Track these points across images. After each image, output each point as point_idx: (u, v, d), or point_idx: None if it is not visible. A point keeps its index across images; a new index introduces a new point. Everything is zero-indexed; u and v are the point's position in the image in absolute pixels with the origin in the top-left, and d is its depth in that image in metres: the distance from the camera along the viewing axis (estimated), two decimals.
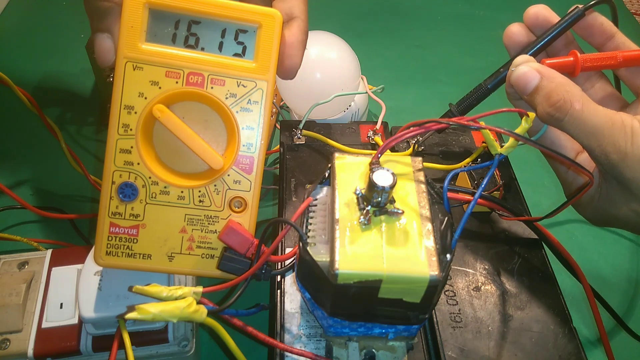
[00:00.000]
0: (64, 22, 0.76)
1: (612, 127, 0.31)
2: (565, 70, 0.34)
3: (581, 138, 0.31)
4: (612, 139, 0.30)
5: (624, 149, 0.30)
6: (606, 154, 0.31)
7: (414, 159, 0.32)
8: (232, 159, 0.32)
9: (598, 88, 0.37)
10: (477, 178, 0.42)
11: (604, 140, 0.31)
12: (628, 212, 0.33)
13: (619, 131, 0.30)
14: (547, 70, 0.33)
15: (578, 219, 0.38)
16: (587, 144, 0.31)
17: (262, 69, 0.32)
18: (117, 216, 0.32)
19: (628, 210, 0.33)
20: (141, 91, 0.31)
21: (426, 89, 0.70)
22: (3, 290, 0.36)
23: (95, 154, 0.57)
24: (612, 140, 0.30)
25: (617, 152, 0.30)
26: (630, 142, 0.30)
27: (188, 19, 0.31)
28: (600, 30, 0.36)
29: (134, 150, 0.31)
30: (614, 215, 0.34)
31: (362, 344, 0.32)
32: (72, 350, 0.35)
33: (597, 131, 0.31)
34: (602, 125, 0.31)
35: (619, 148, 0.30)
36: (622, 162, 0.30)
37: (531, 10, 0.37)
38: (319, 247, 0.29)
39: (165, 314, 0.28)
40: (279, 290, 0.36)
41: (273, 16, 0.31)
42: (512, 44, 0.38)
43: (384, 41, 0.78)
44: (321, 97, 0.49)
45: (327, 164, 0.32)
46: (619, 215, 0.33)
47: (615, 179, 0.32)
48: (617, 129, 0.30)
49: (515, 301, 0.36)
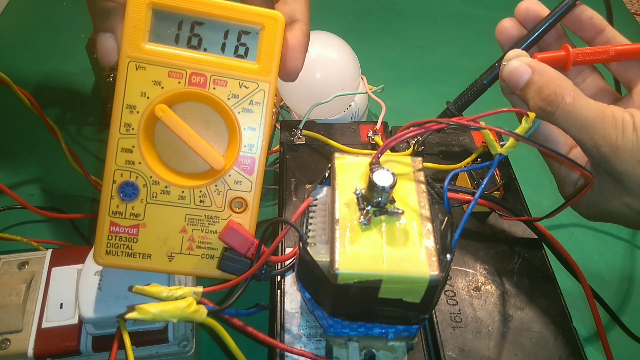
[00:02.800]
0: (64, 22, 0.76)
1: (603, 120, 0.31)
2: (557, 64, 0.34)
3: (573, 131, 0.31)
4: (603, 132, 0.30)
5: (614, 142, 0.30)
6: (597, 147, 0.31)
7: (414, 159, 0.32)
8: (233, 159, 0.32)
9: (590, 82, 0.37)
10: (477, 178, 0.42)
11: (596, 133, 0.31)
12: (621, 205, 0.33)
13: (610, 124, 0.30)
14: (539, 65, 0.33)
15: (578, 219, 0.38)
16: (579, 138, 0.31)
17: (264, 71, 0.32)
18: (118, 215, 0.32)
19: (620, 204, 0.32)
20: (143, 91, 0.31)
21: (426, 89, 0.70)
22: (3, 290, 0.36)
23: (95, 154, 0.57)
24: (604, 133, 0.30)
25: (609, 145, 0.30)
26: (621, 134, 0.30)
27: (191, 20, 0.31)
28: (590, 24, 0.36)
29: (135, 149, 0.31)
30: (607, 209, 0.34)
31: (362, 344, 0.32)
32: (72, 350, 0.35)
33: (588, 124, 0.31)
34: (594, 118, 0.31)
35: (610, 141, 0.30)
36: (613, 155, 0.30)
37: (522, 5, 0.37)
38: (319, 247, 0.29)
39: (165, 314, 0.28)
40: (279, 290, 0.36)
41: (276, 18, 0.31)
42: (504, 39, 0.38)
43: (384, 41, 0.78)
44: (321, 97, 0.49)
45: (327, 164, 0.32)
46: (612, 210, 0.33)
47: (607, 173, 0.32)
48: (608, 122, 0.31)
49: (515, 301, 0.36)
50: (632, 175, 0.31)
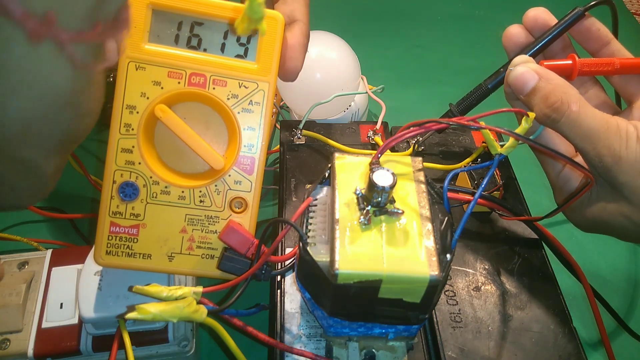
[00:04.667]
0: None
1: (607, 130, 0.31)
2: (562, 73, 0.34)
3: (576, 140, 0.31)
4: (607, 142, 0.30)
5: (618, 153, 0.30)
6: (600, 157, 0.31)
7: (414, 159, 0.32)
8: (233, 159, 0.32)
9: (592, 94, 0.37)
10: (477, 178, 0.42)
11: (599, 143, 0.31)
12: (619, 217, 0.32)
13: (614, 134, 0.30)
14: (545, 72, 0.33)
15: None
16: (582, 147, 0.31)
17: (264, 71, 0.32)
18: (118, 215, 0.32)
19: (619, 216, 0.32)
20: (143, 91, 0.31)
21: (426, 89, 0.70)
22: (3, 290, 0.36)
23: (95, 154, 0.57)
24: (607, 144, 0.30)
25: (612, 155, 0.30)
26: (625, 145, 0.30)
27: (191, 21, 0.31)
28: (597, 36, 0.36)
29: (135, 149, 0.31)
30: (604, 220, 0.33)
31: (362, 344, 0.32)
32: (72, 350, 0.35)
33: (592, 134, 0.31)
34: (598, 128, 0.31)
35: (614, 151, 0.30)
36: (616, 165, 0.30)
37: (531, 13, 0.37)
38: (319, 247, 0.29)
39: (165, 314, 0.28)
40: (279, 290, 0.36)
41: (275, 18, 0.31)
42: (511, 45, 0.38)
43: (384, 41, 0.78)
44: (321, 97, 0.49)
45: (327, 164, 0.32)
46: (609, 221, 0.33)
47: (608, 183, 0.32)
48: (613, 133, 0.30)
49: (515, 301, 0.36)
50: (633, 186, 0.30)
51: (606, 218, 0.33)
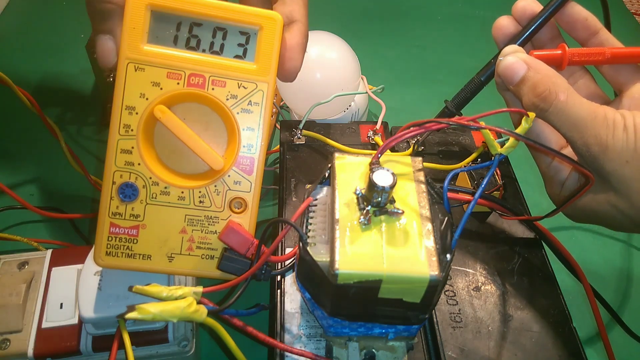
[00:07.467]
0: (64, 22, 0.75)
1: (594, 120, 0.31)
2: (552, 63, 0.34)
3: (564, 129, 0.32)
4: (594, 131, 0.31)
5: (604, 141, 0.30)
6: (588, 146, 0.31)
7: (414, 159, 0.32)
8: (233, 159, 0.32)
9: (582, 84, 0.38)
10: (477, 178, 0.42)
11: (586, 132, 0.31)
12: (607, 206, 0.32)
13: (602, 123, 0.31)
14: (534, 62, 0.33)
15: None
16: (570, 136, 0.31)
17: (263, 71, 0.32)
18: (118, 216, 0.32)
19: (607, 205, 0.32)
20: (142, 92, 0.31)
21: (426, 89, 0.70)
22: (3, 290, 0.36)
23: (95, 154, 0.57)
24: (594, 132, 0.31)
25: (599, 144, 0.30)
26: (611, 134, 0.30)
27: (190, 21, 0.31)
28: (585, 25, 0.36)
29: (134, 150, 0.31)
30: (592, 209, 0.34)
31: (362, 344, 0.32)
32: (72, 350, 0.35)
33: (580, 123, 0.31)
34: (585, 117, 0.31)
35: (601, 140, 0.30)
36: (602, 154, 0.31)
37: (520, 4, 0.37)
38: (319, 247, 0.29)
39: (165, 314, 0.28)
40: (279, 290, 0.36)
41: (274, 18, 0.31)
42: (500, 36, 0.38)
43: (384, 41, 0.78)
44: (321, 97, 0.49)
45: (327, 164, 0.32)
46: (597, 210, 0.33)
47: (596, 172, 0.32)
48: (600, 121, 0.31)
49: (515, 301, 0.36)
50: (620, 175, 0.31)
51: (595, 208, 0.33)
